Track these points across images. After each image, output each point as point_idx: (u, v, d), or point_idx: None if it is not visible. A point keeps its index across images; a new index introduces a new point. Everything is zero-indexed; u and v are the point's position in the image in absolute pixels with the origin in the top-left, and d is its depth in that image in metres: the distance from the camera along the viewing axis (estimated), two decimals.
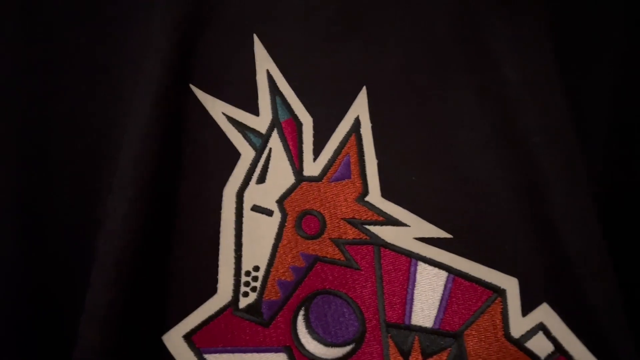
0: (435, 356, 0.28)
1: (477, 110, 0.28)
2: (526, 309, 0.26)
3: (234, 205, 0.29)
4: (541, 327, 0.26)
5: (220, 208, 0.28)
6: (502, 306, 0.27)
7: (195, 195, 0.28)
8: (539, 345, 0.26)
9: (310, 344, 0.28)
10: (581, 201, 0.26)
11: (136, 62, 0.28)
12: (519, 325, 0.26)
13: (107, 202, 0.27)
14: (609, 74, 0.29)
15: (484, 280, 0.27)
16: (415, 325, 0.28)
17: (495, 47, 0.28)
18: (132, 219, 0.26)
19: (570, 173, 0.26)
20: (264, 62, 0.29)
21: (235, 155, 0.29)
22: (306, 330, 0.28)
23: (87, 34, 0.30)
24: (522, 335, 0.26)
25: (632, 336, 0.24)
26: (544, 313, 0.26)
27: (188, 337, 0.28)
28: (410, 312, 0.28)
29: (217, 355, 0.28)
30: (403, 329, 0.28)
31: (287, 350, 0.28)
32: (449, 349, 0.28)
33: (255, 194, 0.29)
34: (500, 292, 0.27)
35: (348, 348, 0.28)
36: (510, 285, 0.27)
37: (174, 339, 0.28)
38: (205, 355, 0.28)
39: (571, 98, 0.27)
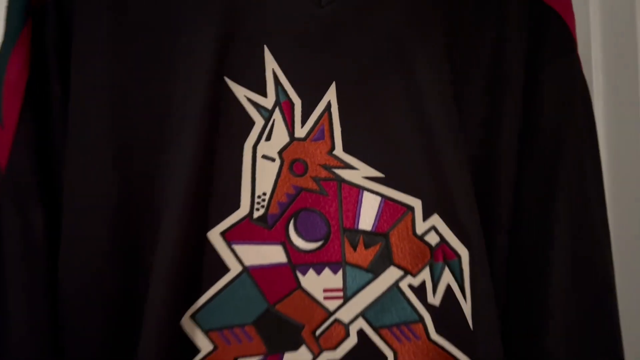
0: (371, 247, 0.46)
1: (402, 99, 0.46)
2: (425, 217, 0.45)
3: (250, 154, 0.46)
4: (433, 228, 0.45)
5: (242, 156, 0.45)
6: (411, 216, 0.45)
7: (228, 147, 0.45)
8: (432, 238, 0.45)
9: (297, 240, 0.46)
10: (459, 151, 0.45)
11: (189, 63, 0.44)
12: (421, 227, 0.45)
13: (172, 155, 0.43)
14: (482, 81, 0.48)
15: (402, 201, 0.46)
16: (361, 229, 0.46)
17: (412, 59, 0.46)
18: (193, 160, 0.43)
19: (453, 136, 0.45)
20: (270, 64, 0.46)
21: (251, 122, 0.46)
22: (294, 232, 0.46)
23: (156, 38, 0.45)
24: (423, 233, 0.45)
25: (479, 228, 0.43)
26: (435, 219, 0.45)
27: (222, 234, 0.45)
28: (358, 221, 0.46)
29: (239, 245, 0.45)
30: (353, 231, 0.46)
31: (283, 244, 0.46)
32: (380, 243, 0.46)
33: (264, 148, 0.46)
34: (410, 208, 0.45)
35: (319, 243, 0.46)
36: (417, 204, 0.45)
37: (214, 235, 0.45)
38: (233, 246, 0.45)
39: (456, 95, 0.46)
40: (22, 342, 0.41)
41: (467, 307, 0.43)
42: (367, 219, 0.46)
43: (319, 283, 0.46)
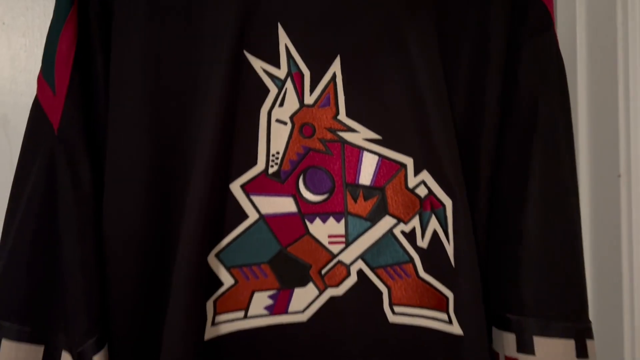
0: (370, 199, 0.53)
1: (397, 72, 0.53)
2: (416, 173, 0.52)
3: (266, 118, 0.53)
4: (423, 182, 0.52)
5: (258, 119, 0.52)
6: (404, 172, 0.53)
7: (246, 112, 0.52)
8: (421, 190, 0.53)
9: (306, 193, 0.54)
10: (446, 117, 0.52)
11: (214, 38, 0.51)
12: (412, 181, 0.53)
13: (200, 118, 0.50)
14: (468, 57, 0.55)
15: (396, 160, 0.53)
16: (361, 184, 0.54)
17: (407, 37, 0.53)
18: (217, 122, 0.50)
19: (441, 104, 0.52)
20: (283, 39, 0.53)
21: (267, 90, 0.53)
22: (303, 186, 0.54)
23: (186, 16, 0.52)
24: (414, 186, 0.53)
25: (462, 181, 0.51)
26: (424, 175, 0.52)
27: (242, 186, 0.52)
28: (359, 177, 0.54)
29: (256, 196, 0.53)
30: (354, 186, 0.54)
31: (293, 196, 0.53)
32: (377, 196, 0.53)
33: (277, 113, 0.53)
34: (403, 166, 0.53)
35: (325, 196, 0.54)
36: (409, 161, 0.53)
37: (235, 187, 0.52)
38: (251, 196, 0.52)
39: (445, 69, 0.53)
40: (74, 273, 0.49)
41: (450, 249, 0.51)
42: (366, 175, 0.53)
43: (324, 230, 0.54)
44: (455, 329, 0.50)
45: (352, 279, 0.54)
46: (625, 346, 0.64)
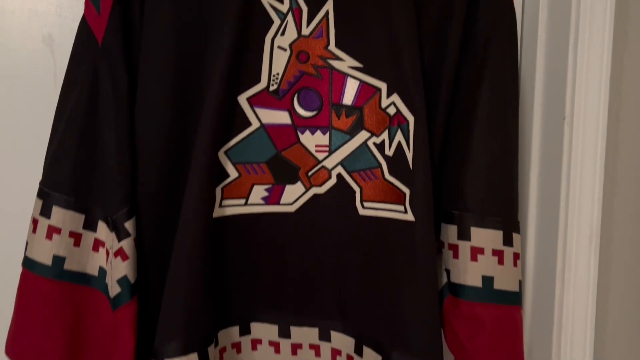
0: (350, 117, 0.66)
1: (378, 14, 0.64)
2: (388, 95, 0.65)
3: (269, 45, 0.65)
4: (393, 103, 0.65)
5: (263, 45, 0.64)
6: (379, 95, 0.65)
7: (254, 38, 0.64)
8: (391, 110, 0.65)
9: (299, 109, 0.66)
10: (415, 52, 0.64)
11: None
12: (384, 102, 0.65)
13: (216, 41, 0.62)
14: (436, 13, 0.66)
15: (373, 84, 0.65)
16: (344, 104, 0.66)
17: (390, 6, 0.64)
18: (230, 44, 0.62)
19: (412, 42, 0.63)
20: None
21: (271, 22, 0.64)
22: (297, 103, 0.66)
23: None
24: (385, 106, 0.65)
25: (423, 102, 0.63)
26: (394, 97, 0.65)
27: (248, 99, 0.65)
28: (342, 98, 0.66)
29: (259, 108, 0.65)
30: (339, 105, 0.66)
31: (288, 111, 0.66)
32: (356, 114, 0.66)
33: (279, 40, 0.65)
34: (378, 89, 0.65)
35: (314, 112, 0.66)
36: (383, 86, 0.65)
37: (242, 99, 0.64)
38: (255, 108, 0.65)
39: (417, 19, 0.64)
40: (111, 155, 0.62)
41: (410, 155, 0.64)
42: (348, 97, 0.66)
43: (312, 140, 0.66)
44: (409, 216, 0.63)
45: (332, 181, 0.67)
46: (558, 257, 0.77)
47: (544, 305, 0.73)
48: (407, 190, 0.64)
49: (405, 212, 0.64)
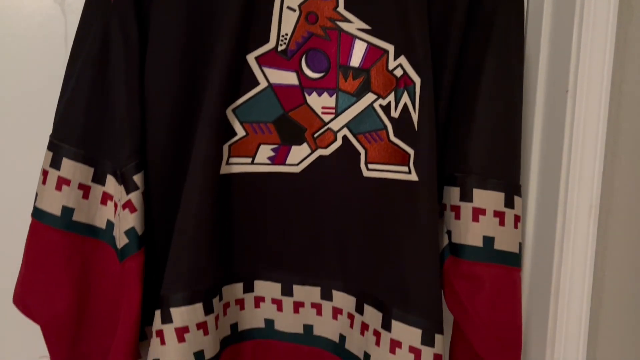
0: (357, 79, 0.67)
1: None
2: (395, 58, 0.66)
3: (279, 5, 0.65)
4: (400, 65, 0.66)
5: (273, 6, 0.65)
6: (386, 57, 0.66)
7: (264, 2, 0.65)
8: (398, 72, 0.66)
9: (306, 70, 0.67)
10: (423, 17, 0.64)
11: None
12: (392, 64, 0.66)
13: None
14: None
15: (381, 47, 0.66)
16: (351, 66, 0.67)
17: None
18: (241, 6, 0.63)
19: (421, 8, 0.64)
20: None
21: None
22: (305, 64, 0.67)
23: None
24: (392, 68, 0.66)
25: (430, 64, 0.64)
26: (402, 59, 0.65)
27: (256, 59, 0.66)
28: (350, 60, 0.67)
29: (267, 68, 0.66)
30: (346, 67, 0.67)
31: (296, 72, 0.67)
32: (363, 76, 0.67)
33: (289, 1, 0.65)
34: (386, 51, 0.66)
35: (322, 74, 0.67)
36: (390, 48, 0.66)
37: (251, 58, 0.65)
38: (263, 67, 0.66)
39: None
40: (121, 109, 0.63)
41: (415, 117, 0.65)
42: (356, 59, 0.67)
43: (319, 102, 0.67)
44: (413, 176, 0.64)
45: (338, 143, 0.68)
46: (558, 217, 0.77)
47: (543, 272, 0.74)
48: (411, 151, 0.65)
49: (409, 172, 0.65)
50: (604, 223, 0.78)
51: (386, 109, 0.66)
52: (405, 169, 0.65)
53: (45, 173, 0.64)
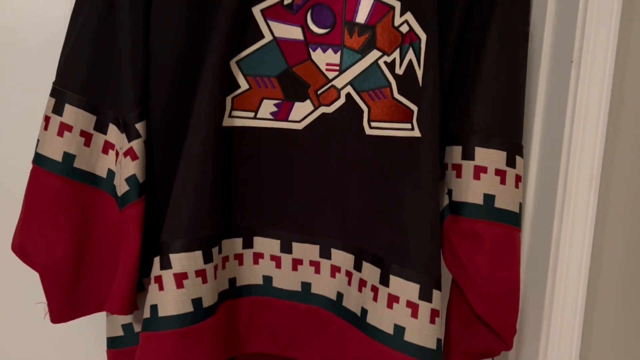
0: (363, 35, 0.67)
1: None
2: (402, 14, 0.65)
3: None
4: (406, 21, 0.65)
5: None
6: (392, 13, 0.66)
7: None
8: (404, 28, 0.66)
9: (312, 25, 0.67)
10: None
11: None
12: (398, 20, 0.66)
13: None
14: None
15: (387, 2, 0.66)
16: (357, 22, 0.67)
17: None
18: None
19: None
20: None
21: None
22: (310, 19, 0.67)
23: None
24: (398, 25, 0.66)
25: (436, 21, 0.64)
26: (408, 15, 0.65)
27: (262, 11, 0.65)
28: (356, 16, 0.66)
29: (272, 22, 0.66)
30: (352, 23, 0.66)
31: (301, 27, 0.66)
32: (369, 33, 0.67)
33: None
34: (392, 8, 0.66)
35: (327, 30, 0.67)
36: (397, 4, 0.65)
37: (256, 10, 0.65)
38: (268, 21, 0.65)
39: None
40: (126, 58, 0.63)
41: (419, 73, 0.64)
42: (362, 15, 0.66)
43: (323, 58, 0.67)
44: (416, 133, 0.64)
45: (341, 100, 0.68)
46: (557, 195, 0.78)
47: (541, 242, 0.74)
48: (415, 108, 0.65)
49: (412, 128, 0.65)
50: (604, 195, 0.79)
51: (391, 65, 0.66)
52: (409, 125, 0.65)
53: (47, 119, 0.64)
